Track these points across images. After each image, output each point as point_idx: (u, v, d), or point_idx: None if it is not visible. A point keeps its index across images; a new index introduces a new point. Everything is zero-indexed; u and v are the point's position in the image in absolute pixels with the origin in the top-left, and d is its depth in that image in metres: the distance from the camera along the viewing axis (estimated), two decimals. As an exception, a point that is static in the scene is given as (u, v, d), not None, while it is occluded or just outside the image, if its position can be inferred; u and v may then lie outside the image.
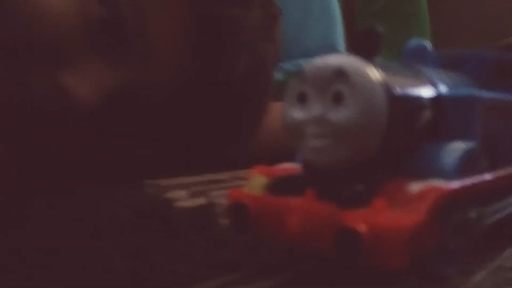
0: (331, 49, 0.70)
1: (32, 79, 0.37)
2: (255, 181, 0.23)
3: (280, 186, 0.22)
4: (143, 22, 0.40)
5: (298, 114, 0.21)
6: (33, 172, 0.38)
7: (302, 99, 0.21)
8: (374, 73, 0.20)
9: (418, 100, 0.22)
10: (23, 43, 0.37)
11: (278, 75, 0.53)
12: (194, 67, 0.42)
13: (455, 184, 0.21)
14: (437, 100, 0.23)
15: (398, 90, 0.21)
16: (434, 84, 0.24)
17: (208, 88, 0.43)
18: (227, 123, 0.44)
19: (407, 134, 0.22)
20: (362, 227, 0.18)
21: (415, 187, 0.20)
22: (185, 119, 0.42)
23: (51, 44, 0.38)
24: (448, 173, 0.21)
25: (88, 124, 0.39)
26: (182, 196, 0.31)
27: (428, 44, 0.26)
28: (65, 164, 0.38)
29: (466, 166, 0.22)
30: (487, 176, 0.22)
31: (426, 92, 0.23)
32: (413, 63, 0.25)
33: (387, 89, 0.20)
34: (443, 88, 0.24)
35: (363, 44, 0.21)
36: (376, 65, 0.20)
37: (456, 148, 0.22)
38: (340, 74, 0.20)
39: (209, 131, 0.43)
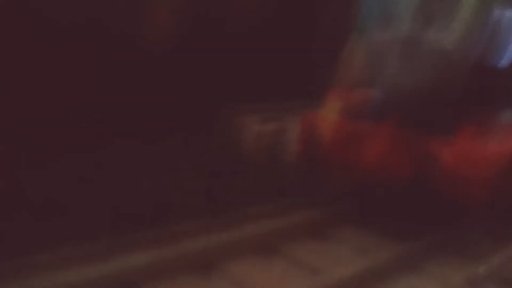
0: None
1: None
2: (332, 105, 0.65)
3: (358, 111, 0.54)
4: None
5: (384, 34, 0.60)
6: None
7: (389, 19, 0.63)
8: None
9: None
10: None
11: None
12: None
13: None
14: None
15: (502, 22, 0.52)
16: None
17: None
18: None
19: (498, 67, 0.56)
20: (446, 154, 0.50)
21: (505, 118, 0.55)
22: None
23: None
24: None
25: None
26: (255, 121, 0.62)
27: None
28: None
29: None
30: None
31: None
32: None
33: (490, 19, 0.52)
34: None
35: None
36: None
37: None
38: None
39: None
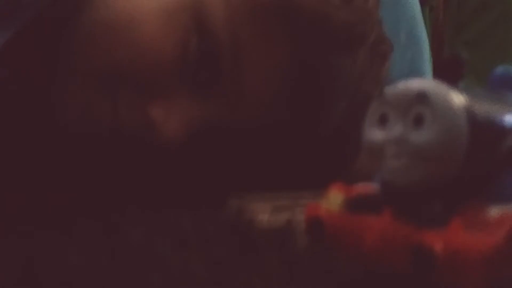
0: (418, 76, 0.41)
1: (122, 109, 0.38)
2: (333, 198, 0.23)
3: (358, 204, 0.22)
4: (241, 60, 0.38)
5: (378, 135, 0.21)
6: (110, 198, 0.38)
7: (383, 120, 0.21)
8: (456, 97, 0.20)
9: (501, 126, 0.22)
10: (119, 72, 0.38)
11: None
12: (286, 115, 0.39)
13: None
14: None
15: (480, 116, 0.20)
16: None
17: (295, 137, 0.40)
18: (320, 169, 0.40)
19: (488, 159, 0.21)
20: (438, 247, 0.18)
21: (494, 212, 0.20)
22: (267, 164, 0.40)
23: (145, 75, 0.38)
24: None
25: (171, 161, 0.38)
26: (264, 211, 0.31)
27: None
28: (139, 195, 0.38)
29: None
30: None
31: (510, 118, 0.22)
32: (499, 90, 0.24)
33: (469, 113, 0.20)
34: None
35: (447, 70, 0.21)
36: (459, 90, 0.20)
37: None
38: (421, 96, 0.20)
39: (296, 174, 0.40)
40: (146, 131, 0.38)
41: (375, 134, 0.22)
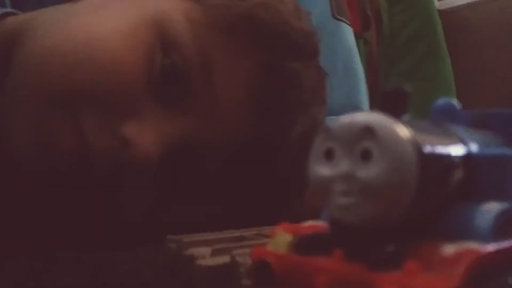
0: (355, 108, 0.67)
1: (89, 129, 0.36)
2: (280, 239, 0.22)
3: (306, 244, 0.21)
4: (209, 72, 0.38)
5: (324, 170, 0.20)
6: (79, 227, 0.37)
7: (328, 155, 0.20)
8: (403, 131, 0.19)
9: (449, 158, 0.21)
10: (81, 92, 0.36)
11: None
12: (256, 123, 0.40)
13: (491, 247, 0.19)
14: (469, 159, 0.22)
15: (428, 148, 0.20)
16: (464, 143, 0.22)
17: (265, 147, 0.40)
18: (276, 190, 0.41)
19: (438, 193, 0.21)
20: None
21: (449, 249, 0.19)
22: (238, 179, 0.40)
23: (111, 95, 0.36)
24: (483, 235, 0.19)
25: (146, 181, 0.37)
26: (204, 254, 0.29)
27: (456, 103, 0.25)
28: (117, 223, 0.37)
29: (502, 228, 0.20)
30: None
31: (457, 150, 0.21)
32: (441, 122, 0.23)
33: (417, 146, 0.19)
34: (474, 147, 0.22)
35: (390, 102, 0.21)
36: (405, 123, 0.20)
37: (490, 209, 0.20)
38: (368, 131, 0.19)
39: (256, 195, 0.41)
40: (120, 150, 0.36)
41: (321, 169, 0.21)
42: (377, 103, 0.22)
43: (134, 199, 0.38)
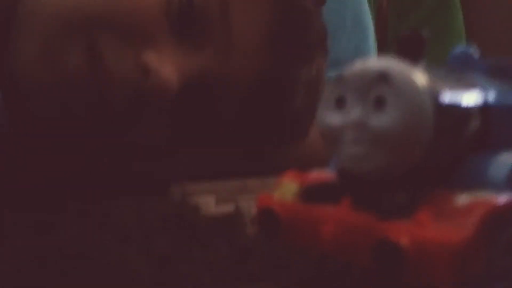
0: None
1: (112, 55, 0.36)
2: (286, 187, 0.21)
3: (313, 193, 0.20)
4: (227, 10, 0.39)
5: (335, 119, 0.19)
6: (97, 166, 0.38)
7: (340, 103, 0.19)
8: (419, 78, 0.18)
9: (466, 108, 0.20)
10: (104, 18, 0.36)
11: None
12: (270, 61, 0.41)
13: (506, 198, 0.18)
14: (485, 109, 0.21)
15: (445, 97, 0.19)
16: (482, 92, 0.21)
17: (276, 87, 0.41)
18: (282, 130, 0.43)
19: (453, 143, 0.20)
20: (404, 241, 0.17)
21: (462, 199, 0.18)
22: (248, 119, 0.41)
23: (134, 22, 0.37)
24: (498, 186, 0.19)
25: (163, 112, 0.38)
26: (209, 202, 0.30)
27: (474, 51, 0.24)
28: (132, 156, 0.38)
29: None
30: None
31: (474, 99, 0.21)
32: (458, 70, 0.23)
33: (433, 95, 0.18)
34: (492, 96, 0.21)
35: (407, 48, 0.20)
36: (421, 70, 0.19)
37: (506, 160, 0.20)
38: (382, 77, 0.18)
39: (263, 135, 0.42)
40: (142, 77, 0.36)
41: (332, 117, 0.20)
42: (388, 54, 0.20)
43: (151, 130, 0.38)
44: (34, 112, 0.38)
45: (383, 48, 1.00)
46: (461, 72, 0.23)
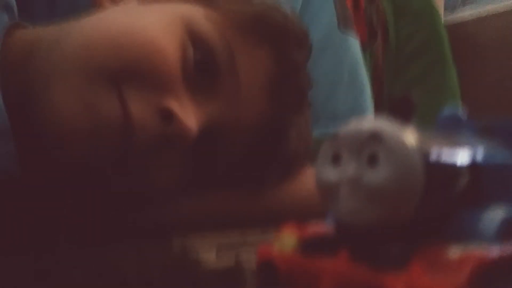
0: (360, 117, 0.49)
1: (133, 101, 0.39)
2: (285, 240, 0.22)
3: (312, 246, 0.21)
4: (233, 62, 0.43)
5: (332, 175, 0.20)
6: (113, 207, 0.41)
7: (336, 160, 0.20)
8: (410, 137, 0.19)
9: (454, 166, 0.21)
10: (129, 69, 0.40)
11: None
12: (271, 106, 0.45)
13: (496, 251, 0.19)
14: (474, 167, 0.22)
15: (434, 155, 0.20)
16: (470, 150, 0.22)
17: (273, 133, 0.45)
18: (277, 166, 0.47)
19: (444, 198, 0.21)
20: None
21: (454, 252, 0.19)
22: (248, 159, 0.45)
23: (154, 73, 0.40)
24: (488, 240, 0.20)
25: (181, 155, 0.42)
26: (209, 256, 0.30)
27: (462, 112, 0.25)
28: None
29: (506, 233, 0.20)
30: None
31: (462, 158, 0.22)
32: (447, 130, 0.24)
33: (423, 153, 0.19)
34: (480, 155, 0.23)
35: (397, 110, 0.21)
36: (411, 130, 0.20)
37: (495, 214, 0.21)
38: (375, 136, 0.19)
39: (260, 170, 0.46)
40: (164, 122, 0.39)
41: (328, 173, 0.21)
42: (383, 111, 0.22)
43: (167, 174, 0.42)
44: (61, 158, 0.40)
45: (379, 103, 1.03)
46: (450, 132, 0.24)
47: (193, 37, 0.43)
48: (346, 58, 0.87)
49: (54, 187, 0.41)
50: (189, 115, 0.40)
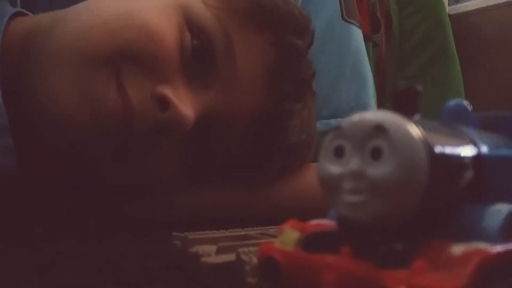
0: (363, 110, 0.41)
1: (131, 87, 0.39)
2: (287, 236, 0.22)
3: (314, 242, 0.21)
4: (231, 50, 0.42)
5: (334, 168, 0.20)
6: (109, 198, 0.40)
7: (339, 153, 0.20)
8: (414, 130, 0.19)
9: (459, 159, 0.21)
10: (126, 52, 0.39)
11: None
12: (269, 93, 0.44)
13: (500, 248, 0.19)
14: (479, 160, 0.22)
15: (439, 148, 0.20)
16: (475, 144, 0.22)
17: (273, 123, 0.44)
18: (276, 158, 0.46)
19: (447, 193, 0.21)
20: None
21: (457, 249, 0.19)
22: (247, 150, 0.44)
23: (151, 57, 0.39)
24: (492, 236, 0.19)
25: (177, 144, 0.41)
26: (210, 251, 0.29)
27: (467, 104, 0.25)
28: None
29: (511, 229, 0.20)
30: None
31: (467, 151, 0.21)
32: (452, 123, 0.23)
33: (428, 146, 0.19)
34: (485, 148, 0.22)
35: (402, 101, 0.20)
36: (416, 123, 0.19)
37: (499, 210, 0.20)
38: (379, 129, 0.19)
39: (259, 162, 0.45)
40: (158, 108, 0.39)
41: (331, 167, 0.20)
42: (387, 103, 0.21)
43: (164, 162, 0.41)
44: (60, 147, 0.40)
45: (382, 96, 1.02)
46: (455, 125, 0.24)
47: (190, 22, 0.42)
48: (349, 50, 0.86)
49: (53, 180, 0.41)
50: (186, 102, 0.40)
